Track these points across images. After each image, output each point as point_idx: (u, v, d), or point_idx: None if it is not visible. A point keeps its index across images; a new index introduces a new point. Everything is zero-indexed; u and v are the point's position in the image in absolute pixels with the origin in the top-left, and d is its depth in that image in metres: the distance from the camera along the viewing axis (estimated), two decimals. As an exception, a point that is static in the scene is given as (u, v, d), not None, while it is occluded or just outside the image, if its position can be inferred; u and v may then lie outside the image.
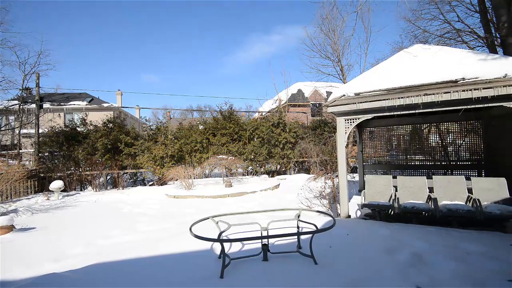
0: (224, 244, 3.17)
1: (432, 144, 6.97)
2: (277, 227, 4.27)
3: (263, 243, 3.45)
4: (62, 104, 23.11)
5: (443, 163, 6.57)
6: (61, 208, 8.23)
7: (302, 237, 3.86)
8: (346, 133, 5.18)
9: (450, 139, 6.78)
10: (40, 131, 13.92)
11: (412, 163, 6.93)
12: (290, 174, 13.85)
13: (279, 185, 10.53)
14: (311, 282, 2.80)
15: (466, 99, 4.12)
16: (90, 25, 78.17)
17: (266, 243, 3.47)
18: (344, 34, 16.54)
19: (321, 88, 27.17)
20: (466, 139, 6.28)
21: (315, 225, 3.59)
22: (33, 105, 15.53)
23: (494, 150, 5.69)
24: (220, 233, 3.55)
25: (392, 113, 4.77)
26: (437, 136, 6.94)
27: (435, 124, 6.84)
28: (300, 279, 2.86)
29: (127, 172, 12.72)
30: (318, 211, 4.14)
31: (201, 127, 14.37)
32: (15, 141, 18.81)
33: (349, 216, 5.31)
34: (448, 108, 4.35)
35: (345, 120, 5.18)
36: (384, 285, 2.73)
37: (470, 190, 4.85)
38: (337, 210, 5.91)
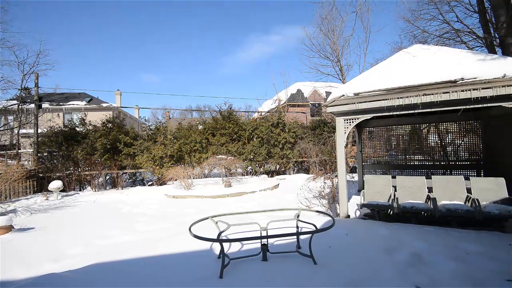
0: (224, 244, 3.18)
1: (431, 144, 6.97)
2: (276, 227, 4.27)
3: (262, 243, 3.45)
4: (61, 104, 23.10)
5: (442, 163, 6.58)
6: (60, 208, 8.22)
7: (302, 237, 3.86)
8: (345, 133, 5.18)
9: (449, 139, 6.77)
10: (39, 131, 13.91)
11: (411, 163, 6.94)
12: (290, 174, 13.84)
13: (278, 185, 10.53)
14: (311, 282, 2.81)
15: (465, 99, 4.13)
16: (90, 25, 78.02)
17: (266, 243, 3.47)
18: (343, 34, 16.54)
19: (321, 88, 27.20)
20: (465, 139, 6.29)
21: (314, 225, 3.60)
22: (32, 105, 15.48)
23: (493, 150, 5.70)
24: (220, 233, 3.55)
25: (391, 113, 4.78)
26: (436, 136, 6.94)
27: (434, 124, 6.85)
28: (300, 279, 2.86)
29: (126, 172, 12.70)
30: (318, 211, 4.14)
31: (200, 127, 14.36)
32: (14, 141, 18.79)
33: (348, 216, 5.31)
34: (447, 108, 4.36)
35: (344, 120, 5.19)
36: (384, 285, 2.73)
37: (469, 190, 4.86)
38: (336, 210, 5.91)
